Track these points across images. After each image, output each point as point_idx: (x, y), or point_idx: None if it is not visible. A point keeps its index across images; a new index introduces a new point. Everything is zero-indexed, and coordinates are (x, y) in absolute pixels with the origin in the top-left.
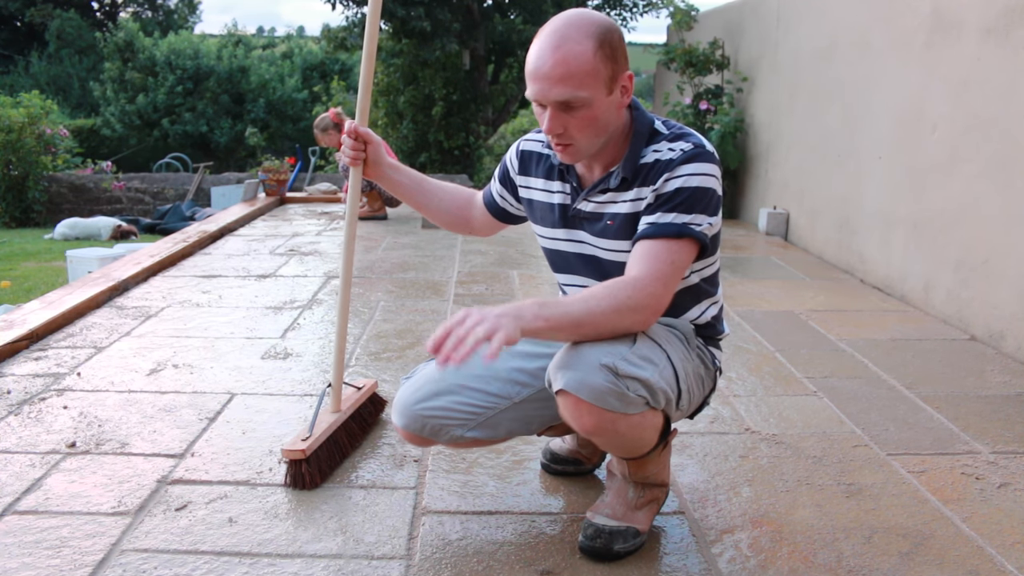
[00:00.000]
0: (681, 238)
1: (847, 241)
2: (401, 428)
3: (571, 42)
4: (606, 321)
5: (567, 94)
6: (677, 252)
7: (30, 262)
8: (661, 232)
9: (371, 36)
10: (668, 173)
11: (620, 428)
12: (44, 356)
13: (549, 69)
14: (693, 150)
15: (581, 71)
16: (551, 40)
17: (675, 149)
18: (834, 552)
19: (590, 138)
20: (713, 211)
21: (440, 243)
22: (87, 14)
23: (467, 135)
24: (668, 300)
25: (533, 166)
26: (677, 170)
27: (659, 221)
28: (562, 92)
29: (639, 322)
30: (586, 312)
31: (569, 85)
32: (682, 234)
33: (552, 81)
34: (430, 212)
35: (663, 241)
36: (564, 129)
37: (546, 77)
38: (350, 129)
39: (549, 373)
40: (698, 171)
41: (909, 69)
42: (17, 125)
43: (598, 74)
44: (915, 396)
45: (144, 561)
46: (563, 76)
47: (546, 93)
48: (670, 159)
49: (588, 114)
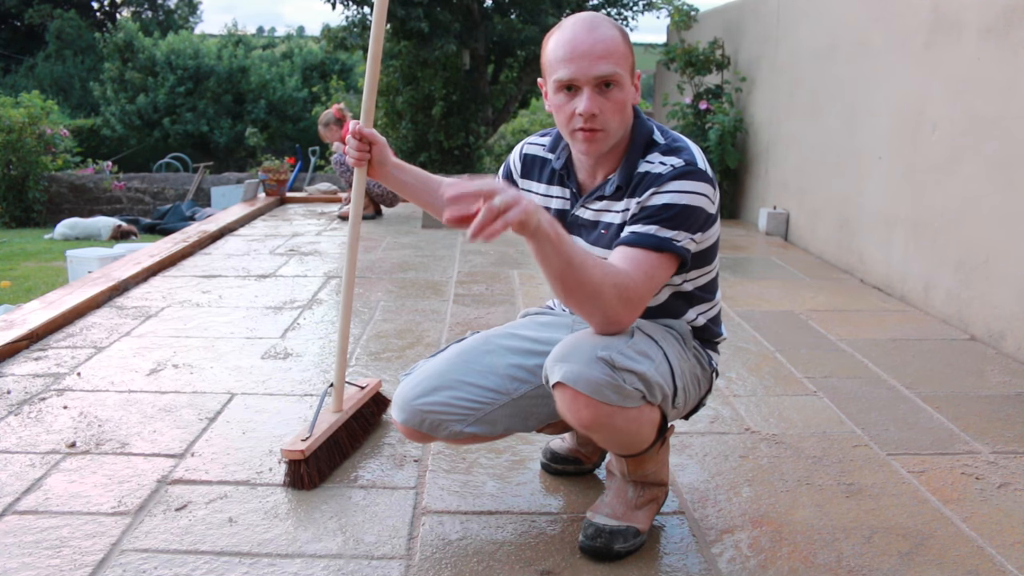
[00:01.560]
0: (661, 251)
1: (847, 241)
2: (400, 423)
3: (604, 26)
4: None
5: (609, 69)
6: (656, 265)
7: (30, 262)
8: (641, 242)
9: (377, 38)
10: (655, 188)
11: (617, 422)
12: (44, 356)
13: (590, 46)
14: (684, 167)
15: (619, 51)
16: (585, 24)
17: (666, 164)
18: (834, 552)
19: (619, 125)
20: (699, 228)
21: (440, 243)
22: (87, 14)
23: (467, 135)
24: (633, 316)
25: (536, 171)
26: (665, 186)
27: (641, 231)
28: (605, 67)
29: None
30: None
31: (610, 61)
32: (662, 248)
33: (594, 57)
34: (435, 210)
35: (643, 251)
36: (600, 110)
37: (587, 54)
38: (355, 130)
39: (546, 367)
40: (686, 189)
41: (909, 69)
42: (17, 125)
43: (627, 58)
44: (915, 396)
45: (144, 561)
46: (604, 53)
47: (587, 70)
48: (659, 174)
49: (621, 97)
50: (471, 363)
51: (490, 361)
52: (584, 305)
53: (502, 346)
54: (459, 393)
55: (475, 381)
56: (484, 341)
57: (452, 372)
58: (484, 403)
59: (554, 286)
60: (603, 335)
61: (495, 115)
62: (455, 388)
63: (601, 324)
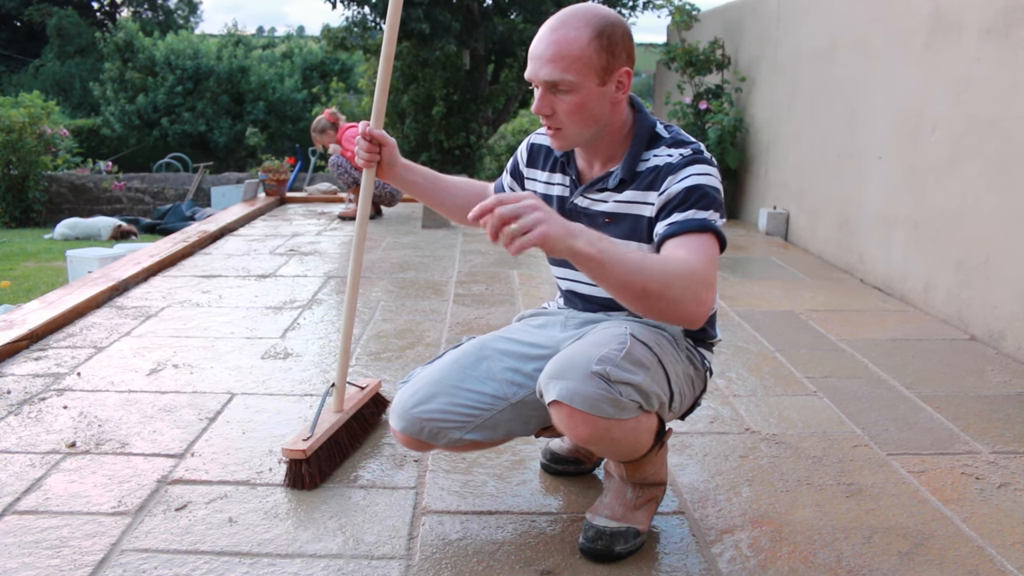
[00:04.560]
0: (705, 232)
1: (847, 241)
2: (399, 432)
3: (568, 27)
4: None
5: (554, 75)
6: (709, 245)
7: (30, 262)
8: (685, 228)
9: (390, 39)
10: (672, 176)
11: (615, 435)
12: (44, 356)
13: (543, 49)
14: (693, 155)
15: (571, 55)
16: (551, 24)
17: (674, 155)
18: (834, 552)
19: (578, 125)
20: (722, 213)
21: (440, 243)
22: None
23: (467, 135)
24: (712, 297)
25: (541, 159)
26: (681, 172)
27: (679, 219)
28: (550, 72)
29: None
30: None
31: (558, 66)
32: (705, 228)
33: (543, 61)
34: (445, 209)
35: (691, 236)
36: (552, 111)
37: (539, 57)
38: (364, 132)
39: (540, 384)
40: (703, 171)
41: (909, 69)
42: (17, 125)
43: (589, 61)
44: (915, 396)
45: (144, 561)
46: (553, 57)
47: (536, 72)
48: (671, 163)
49: (575, 100)
50: (468, 369)
51: (487, 367)
52: (658, 305)
53: (499, 351)
54: (457, 400)
55: (473, 387)
56: (480, 347)
57: (449, 379)
58: (483, 409)
59: (619, 298)
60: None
61: (495, 115)
62: (453, 395)
63: (685, 316)
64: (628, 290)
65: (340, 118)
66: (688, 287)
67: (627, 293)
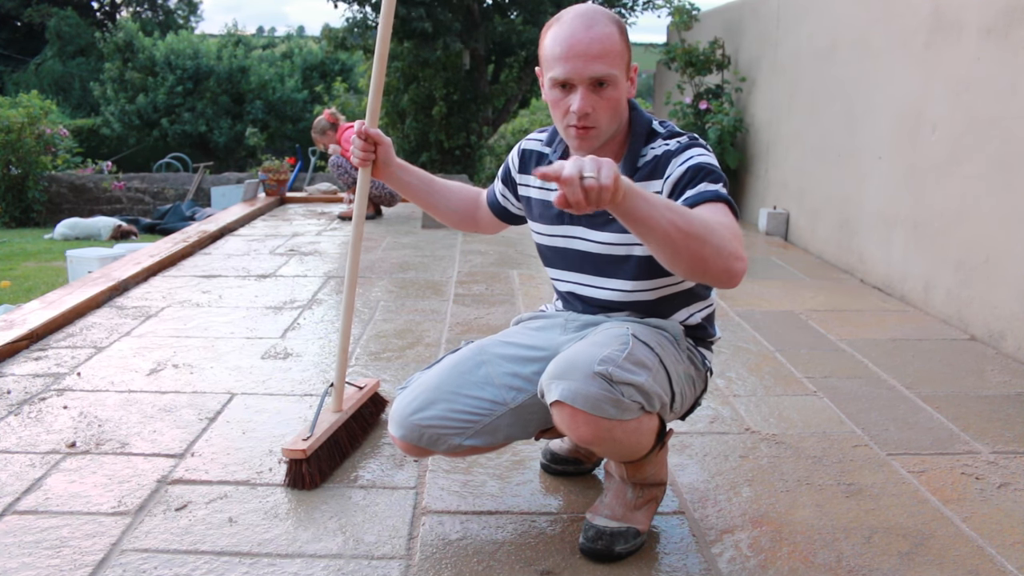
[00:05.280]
0: (719, 201)
1: (847, 241)
2: (399, 439)
3: (601, 24)
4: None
5: (604, 70)
6: (726, 212)
7: (30, 262)
8: (703, 198)
9: (383, 38)
10: (674, 160)
11: (617, 435)
12: (44, 356)
13: (586, 46)
14: (690, 141)
15: (614, 50)
16: (582, 21)
17: (671, 143)
18: (834, 552)
19: (611, 121)
20: (728, 189)
21: (440, 243)
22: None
23: (467, 135)
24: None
25: (533, 165)
26: (682, 155)
27: (693, 193)
28: (600, 68)
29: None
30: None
31: (605, 62)
32: (719, 197)
33: (589, 57)
34: (438, 212)
35: (709, 205)
36: (593, 109)
37: (583, 54)
38: (360, 130)
39: (542, 384)
40: (702, 153)
41: (909, 69)
42: (16, 125)
43: (623, 56)
44: (915, 396)
45: (144, 561)
46: (600, 53)
47: (581, 71)
48: (670, 150)
49: (614, 95)
50: (467, 374)
51: (486, 372)
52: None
53: (497, 355)
54: (456, 406)
55: (472, 392)
56: (479, 351)
57: (448, 384)
58: (482, 414)
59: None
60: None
61: (495, 115)
62: (452, 401)
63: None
64: (673, 235)
65: (339, 118)
66: (728, 239)
67: (671, 239)
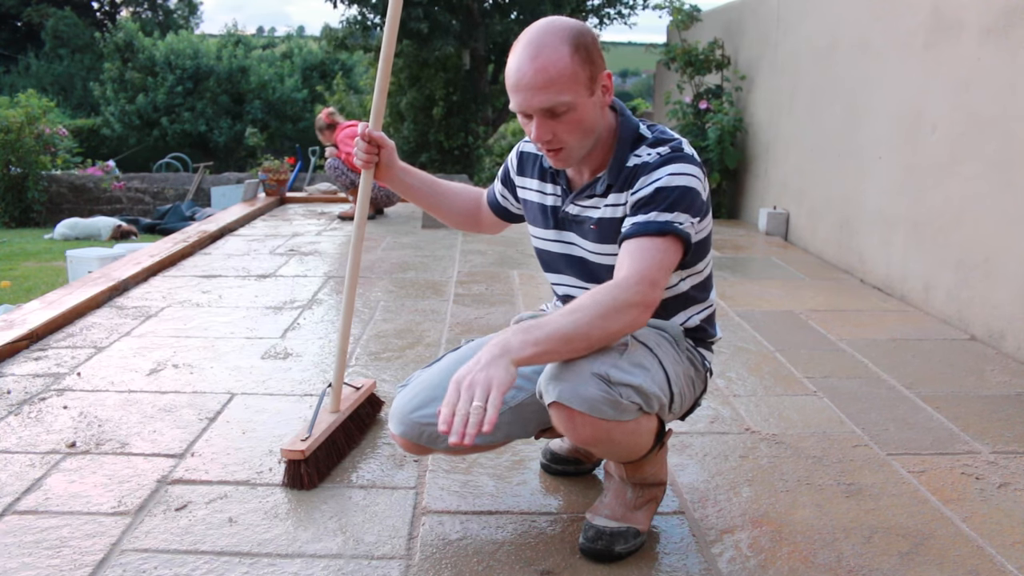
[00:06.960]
0: (664, 235)
1: (847, 241)
2: (399, 436)
3: (548, 49)
4: (595, 329)
5: (550, 100)
6: (662, 250)
7: (30, 262)
8: (643, 230)
9: (389, 41)
10: (644, 176)
11: (615, 436)
12: (44, 356)
13: (530, 79)
14: (671, 154)
15: (561, 77)
16: (528, 51)
17: (652, 154)
18: (834, 552)
19: (579, 140)
20: (696, 212)
21: (440, 243)
22: (86, 14)
23: (467, 135)
24: (657, 297)
25: (530, 167)
26: (653, 173)
27: (640, 220)
28: (545, 99)
29: (629, 322)
30: (573, 325)
31: (551, 91)
32: (664, 231)
33: (534, 90)
34: (440, 213)
35: (646, 239)
36: (553, 135)
37: (528, 87)
38: (363, 133)
39: (540, 385)
40: (677, 171)
41: (909, 69)
42: (15, 125)
43: (577, 77)
44: (915, 396)
45: (144, 561)
46: (544, 83)
47: (529, 102)
48: (646, 163)
49: (574, 117)
50: None
51: None
52: (607, 340)
53: None
54: None
55: None
56: (479, 350)
57: (448, 383)
58: None
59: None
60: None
61: (495, 115)
62: None
63: (635, 326)
64: (574, 347)
65: (337, 119)
66: (622, 309)
67: (575, 348)
